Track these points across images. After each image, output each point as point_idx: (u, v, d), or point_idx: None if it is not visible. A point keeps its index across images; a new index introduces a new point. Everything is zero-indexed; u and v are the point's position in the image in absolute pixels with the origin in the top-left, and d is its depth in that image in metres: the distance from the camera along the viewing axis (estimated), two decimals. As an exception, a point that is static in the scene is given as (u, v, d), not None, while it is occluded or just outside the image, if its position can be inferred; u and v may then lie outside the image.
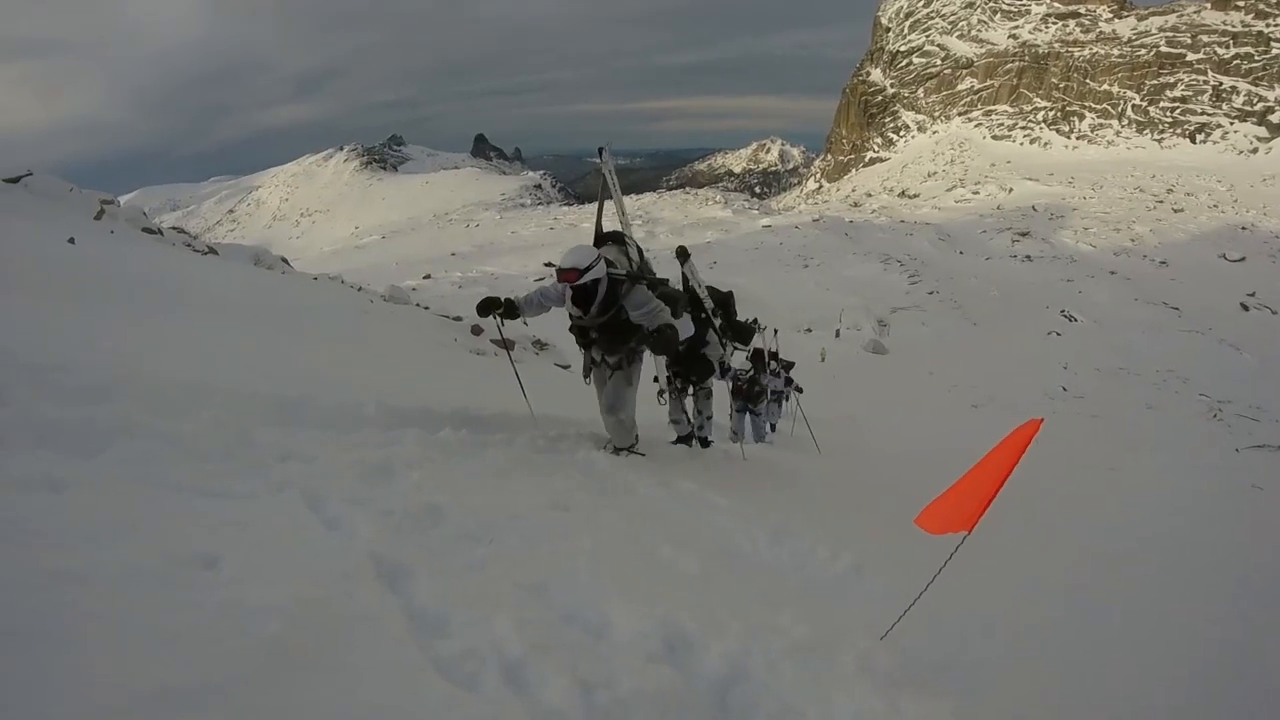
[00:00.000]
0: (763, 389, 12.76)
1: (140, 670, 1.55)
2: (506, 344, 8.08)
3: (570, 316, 5.64)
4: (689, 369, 7.89)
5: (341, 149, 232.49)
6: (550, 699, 1.96)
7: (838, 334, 41.91)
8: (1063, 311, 48.09)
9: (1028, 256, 64.07)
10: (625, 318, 5.49)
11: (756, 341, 12.83)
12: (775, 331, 15.50)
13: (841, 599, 3.68)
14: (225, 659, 1.66)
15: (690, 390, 8.12)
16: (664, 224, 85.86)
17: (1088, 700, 3.30)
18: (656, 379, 6.58)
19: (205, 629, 1.75)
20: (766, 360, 13.49)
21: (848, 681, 2.40)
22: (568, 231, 75.01)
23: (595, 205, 7.19)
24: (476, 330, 15.48)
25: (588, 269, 5.27)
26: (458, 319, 17.61)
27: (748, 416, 12.83)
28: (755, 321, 12.71)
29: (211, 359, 4.39)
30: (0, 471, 2.22)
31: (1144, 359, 38.99)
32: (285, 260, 19.95)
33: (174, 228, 15.43)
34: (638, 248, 6.25)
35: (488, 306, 5.72)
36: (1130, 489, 12.23)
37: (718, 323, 8.02)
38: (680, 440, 7.81)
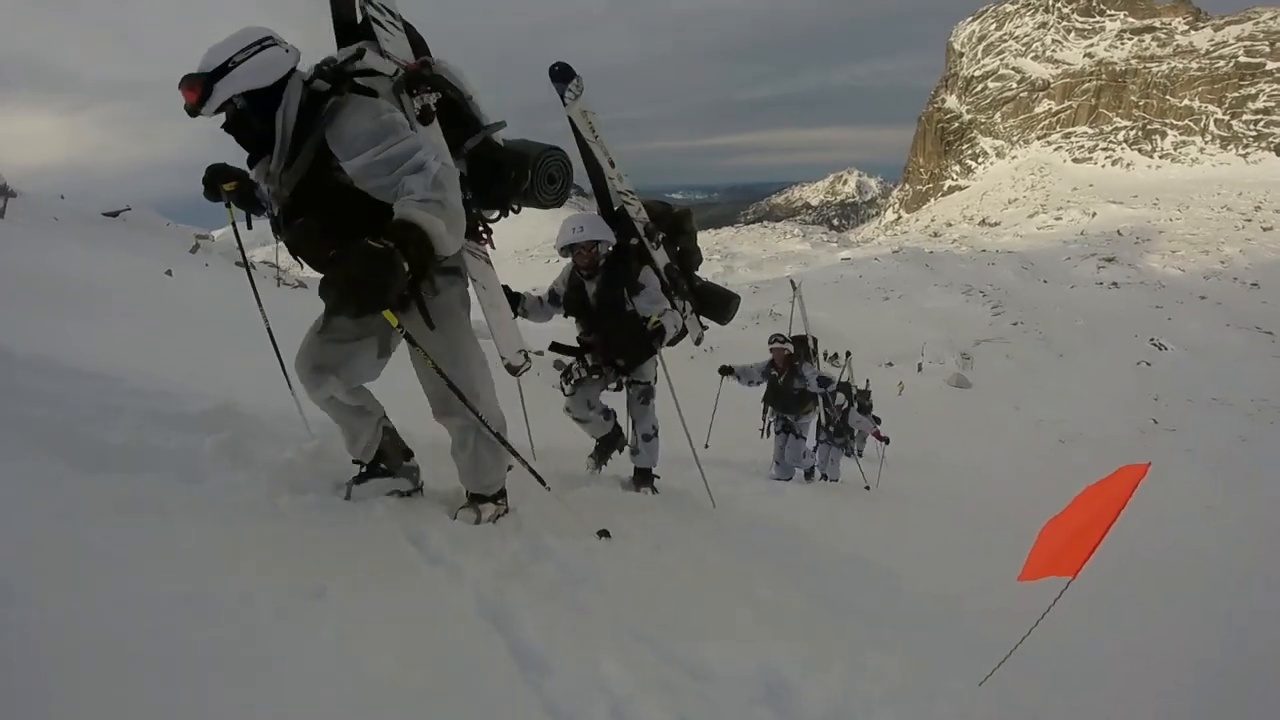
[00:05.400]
0: (809, 393, 9.24)
1: (256, 701, 1.56)
2: (238, 236, 3.53)
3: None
4: (613, 342, 4.85)
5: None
6: (656, 739, 1.92)
7: (920, 368, 41.14)
8: (1152, 340, 46.38)
9: (1114, 283, 62.15)
10: (342, 179, 2.48)
11: (831, 371, 11.70)
12: (846, 354, 14.18)
13: (938, 642, 3.58)
14: (338, 694, 1.67)
15: (613, 381, 5.06)
16: (743, 258, 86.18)
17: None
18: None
19: (317, 661, 1.76)
20: (854, 394, 11.20)
21: (947, 728, 2.30)
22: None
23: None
24: (558, 365, 15.44)
25: (230, 66, 2.32)
26: (539, 353, 17.80)
27: (789, 439, 9.45)
28: (837, 356, 11.99)
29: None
30: (110, 495, 2.27)
31: (1237, 388, 37.47)
32: (369, 293, 20.48)
33: (264, 262, 16.04)
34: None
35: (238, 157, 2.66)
36: (1230, 532, 11.65)
37: (655, 249, 4.83)
38: (599, 452, 5.30)
